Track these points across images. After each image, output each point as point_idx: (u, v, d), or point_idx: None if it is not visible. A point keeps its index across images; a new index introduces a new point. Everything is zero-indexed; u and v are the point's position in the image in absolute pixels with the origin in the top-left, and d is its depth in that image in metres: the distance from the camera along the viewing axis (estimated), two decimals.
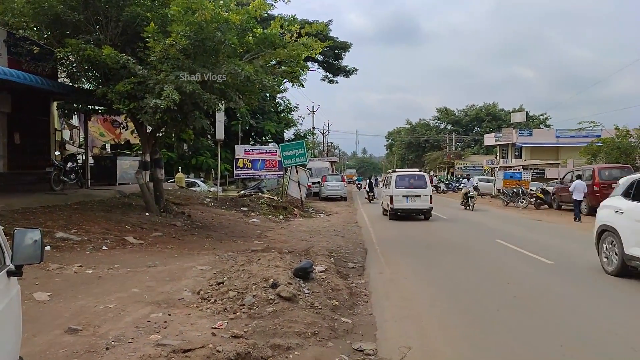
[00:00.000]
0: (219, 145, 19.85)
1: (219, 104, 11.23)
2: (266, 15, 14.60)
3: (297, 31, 11.67)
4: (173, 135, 14.12)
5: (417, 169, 24.21)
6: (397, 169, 22.10)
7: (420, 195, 17.04)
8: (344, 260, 9.15)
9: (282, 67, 14.36)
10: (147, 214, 11.77)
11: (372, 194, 27.91)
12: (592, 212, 18.71)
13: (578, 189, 18.56)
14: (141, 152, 13.13)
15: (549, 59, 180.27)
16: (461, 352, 4.49)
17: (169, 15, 9.80)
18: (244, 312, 5.17)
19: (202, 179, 27.80)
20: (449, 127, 73.18)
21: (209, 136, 28.77)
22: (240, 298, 5.53)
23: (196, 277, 6.92)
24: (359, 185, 48.29)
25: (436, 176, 51.45)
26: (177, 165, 26.28)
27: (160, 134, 13.46)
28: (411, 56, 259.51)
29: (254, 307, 5.25)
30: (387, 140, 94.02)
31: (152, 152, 12.68)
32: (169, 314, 5.13)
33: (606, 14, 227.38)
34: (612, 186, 17.97)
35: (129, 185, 16.44)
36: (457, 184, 45.03)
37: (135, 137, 19.39)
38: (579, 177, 20.08)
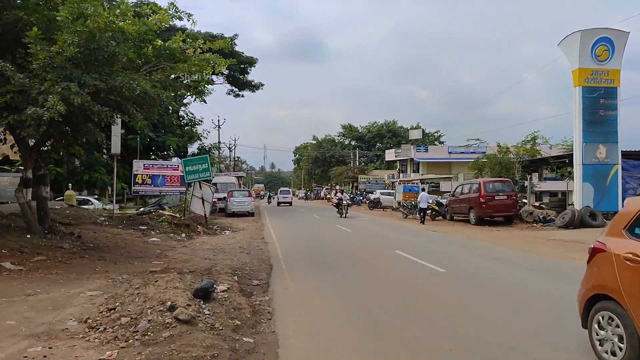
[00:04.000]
0: (115, 160, 18.64)
1: (115, 117, 10.57)
2: (168, 26, 14.14)
3: (200, 46, 11.43)
4: (61, 149, 12.94)
5: (287, 188, 61.24)
6: (282, 188, 57.29)
7: (287, 197, 46.78)
8: (249, 278, 9.03)
9: (185, 81, 13.89)
10: (28, 236, 10.63)
11: (270, 200, 55.46)
12: (480, 222, 20.61)
13: (423, 200, 22.76)
14: (23, 168, 11.89)
15: (440, 81, 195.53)
16: None
17: (57, 20, 9.07)
18: (137, 339, 4.85)
19: (96, 197, 25.86)
20: (353, 143, 76.04)
21: (104, 150, 26.95)
22: (133, 324, 5.19)
23: (84, 304, 6.38)
24: (262, 197, 68.29)
25: (342, 190, 52.95)
26: (66, 182, 24.20)
27: (46, 148, 12.32)
28: (317, 73, 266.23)
29: (149, 333, 4.96)
30: (295, 155, 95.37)
31: (35, 167, 11.54)
32: (50, 347, 4.66)
33: (487, 42, 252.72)
34: (496, 198, 20.17)
35: (9, 205, 14.79)
36: (362, 198, 46.83)
37: (15, 152, 17.52)
38: (423, 189, 24.06)
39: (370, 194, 43.16)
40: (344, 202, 28.16)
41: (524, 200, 24.27)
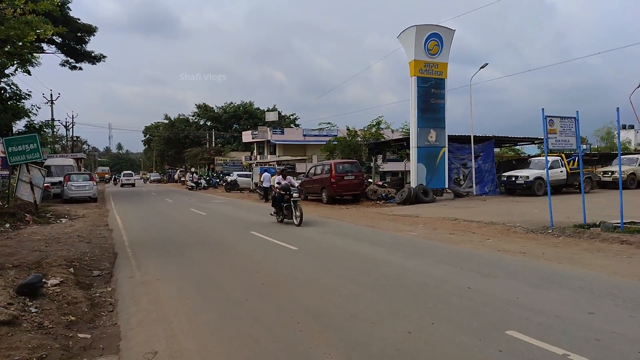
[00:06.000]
0: None
1: None
2: None
3: (21, 7, 9.86)
4: None
5: (130, 171, 64.47)
6: (125, 171, 62.27)
7: (130, 179, 54.45)
8: (88, 269, 8.24)
9: (6, 48, 11.96)
10: None
11: (116, 182, 58.92)
12: (332, 201, 21.81)
13: (266, 180, 25.18)
14: None
15: (297, 65, 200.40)
16: (207, 347, 4.55)
17: None
18: None
19: None
20: (208, 123, 73.75)
21: None
22: None
23: None
24: (108, 180, 69.06)
25: (196, 172, 51.35)
26: None
27: None
28: (169, 49, 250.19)
29: None
30: (145, 136, 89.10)
31: None
32: None
33: (340, 30, 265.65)
34: (345, 178, 21.50)
35: None
36: (218, 180, 45.95)
37: None
38: (266, 170, 27.92)
39: (227, 176, 42.54)
40: (294, 194, 14.10)
41: (369, 180, 26.31)
